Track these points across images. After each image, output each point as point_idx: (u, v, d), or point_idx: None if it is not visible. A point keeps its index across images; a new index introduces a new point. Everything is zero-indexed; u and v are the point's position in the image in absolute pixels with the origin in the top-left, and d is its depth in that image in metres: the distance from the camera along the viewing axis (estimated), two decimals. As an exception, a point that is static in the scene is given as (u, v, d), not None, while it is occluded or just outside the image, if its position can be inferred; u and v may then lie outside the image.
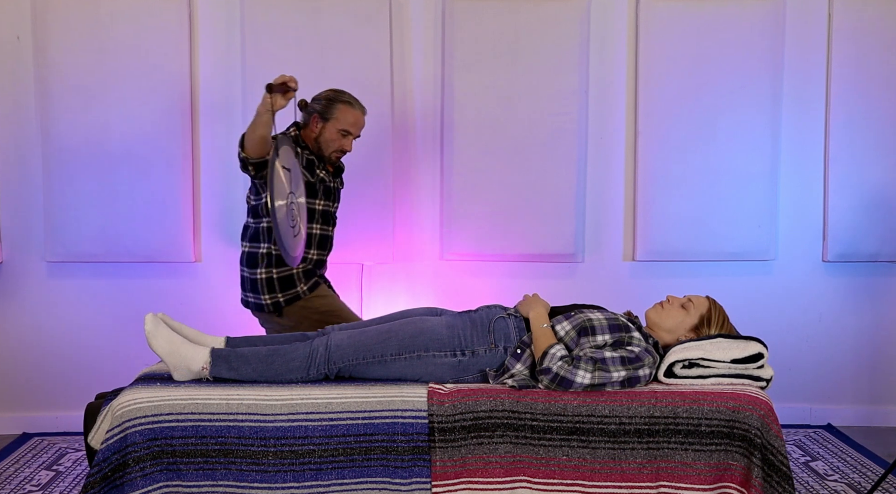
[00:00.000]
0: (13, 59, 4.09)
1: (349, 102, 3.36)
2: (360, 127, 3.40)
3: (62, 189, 4.07)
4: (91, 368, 4.16)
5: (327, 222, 3.43)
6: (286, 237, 2.94)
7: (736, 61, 4.17)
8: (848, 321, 4.36)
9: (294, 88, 3.01)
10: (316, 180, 3.34)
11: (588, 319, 2.67)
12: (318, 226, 3.39)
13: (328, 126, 3.34)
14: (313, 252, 3.39)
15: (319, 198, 3.36)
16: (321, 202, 3.37)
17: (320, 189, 3.36)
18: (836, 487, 3.48)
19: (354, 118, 3.36)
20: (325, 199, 3.39)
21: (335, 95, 3.39)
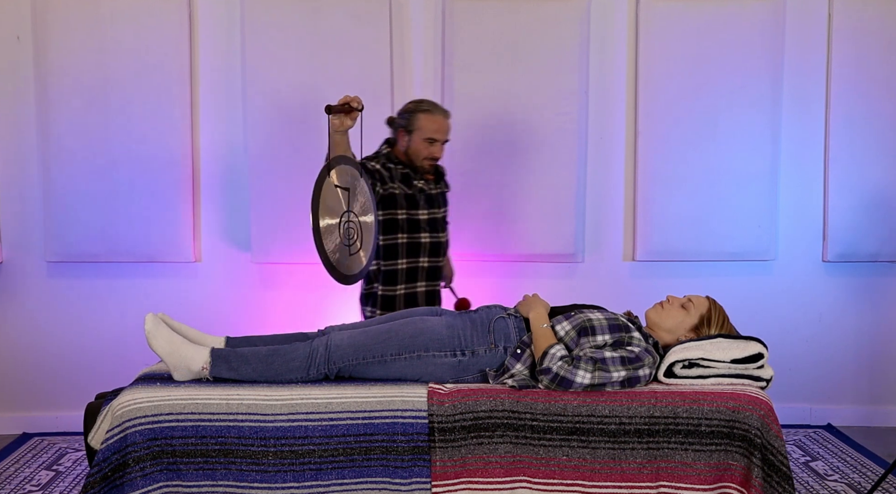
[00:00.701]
0: (13, 60, 4.09)
1: (428, 110, 3.37)
2: (444, 132, 3.39)
3: (62, 189, 4.07)
4: (91, 368, 4.16)
5: (436, 229, 3.45)
6: (338, 255, 2.97)
7: (736, 61, 4.17)
8: (848, 321, 4.36)
9: (356, 107, 3.03)
10: (415, 192, 3.37)
11: (588, 319, 2.67)
12: (427, 235, 3.42)
13: (413, 137, 3.36)
14: (425, 260, 3.44)
15: (422, 208, 3.40)
16: (425, 212, 3.40)
17: (421, 199, 3.39)
18: (836, 487, 3.48)
19: (436, 125, 3.36)
20: (429, 207, 3.42)
21: (415, 105, 3.41)
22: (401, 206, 3.38)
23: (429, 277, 3.48)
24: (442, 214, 3.51)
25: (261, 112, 4.09)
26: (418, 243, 3.42)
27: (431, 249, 3.45)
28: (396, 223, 3.40)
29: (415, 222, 3.40)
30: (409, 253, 3.43)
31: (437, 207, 3.48)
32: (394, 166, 3.38)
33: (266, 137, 4.11)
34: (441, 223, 3.50)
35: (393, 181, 3.36)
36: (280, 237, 4.14)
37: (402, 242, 3.41)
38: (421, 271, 3.46)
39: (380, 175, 3.31)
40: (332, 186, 2.94)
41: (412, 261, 3.44)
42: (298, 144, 4.12)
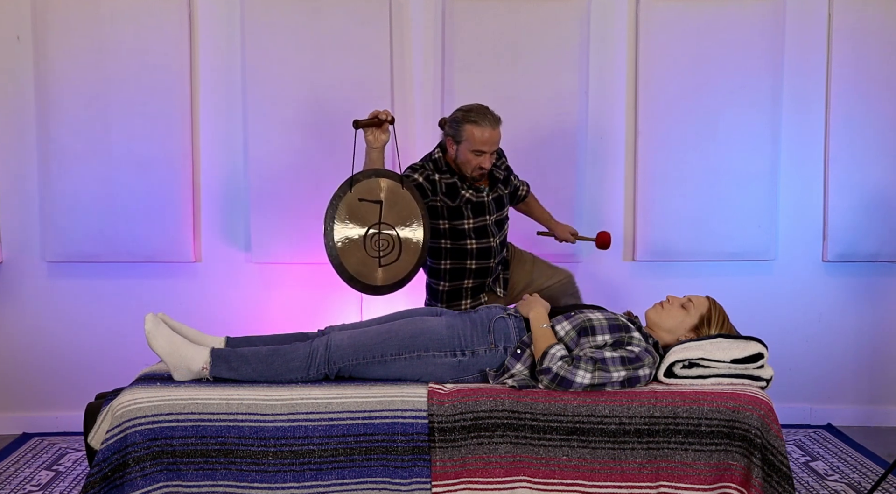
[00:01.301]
0: (13, 60, 4.09)
1: (476, 122, 3.26)
2: (492, 143, 3.28)
3: (62, 189, 4.07)
4: (91, 368, 4.16)
5: (485, 235, 3.41)
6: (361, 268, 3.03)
7: (736, 61, 4.17)
8: (848, 321, 4.36)
9: (385, 119, 3.03)
10: (460, 203, 3.35)
11: (588, 319, 2.67)
12: (472, 241, 3.40)
13: (461, 148, 3.30)
14: (472, 263, 3.42)
15: (467, 217, 3.38)
16: (470, 221, 3.38)
17: (467, 209, 3.37)
18: (836, 487, 3.48)
19: (483, 136, 3.25)
20: (477, 216, 3.39)
21: (463, 115, 3.32)
22: (443, 217, 3.37)
23: (477, 275, 3.46)
24: (494, 218, 3.44)
25: (261, 112, 4.09)
26: (464, 249, 3.41)
27: (479, 253, 3.42)
28: (439, 231, 3.40)
29: (459, 231, 3.39)
30: (453, 256, 3.43)
31: (488, 213, 3.42)
32: (439, 178, 3.34)
33: (266, 137, 4.11)
34: (492, 228, 3.43)
35: (436, 194, 3.34)
36: (280, 237, 4.14)
37: (446, 246, 3.42)
38: (468, 271, 3.45)
39: (421, 189, 3.29)
40: (354, 200, 2.99)
41: (457, 263, 3.43)
42: (298, 144, 4.12)
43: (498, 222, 3.47)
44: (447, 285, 3.47)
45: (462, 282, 3.46)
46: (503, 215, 3.51)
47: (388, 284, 3.13)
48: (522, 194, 3.74)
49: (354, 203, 3.02)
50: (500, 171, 3.52)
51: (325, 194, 4.09)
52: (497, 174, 3.50)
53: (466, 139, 3.27)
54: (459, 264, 3.43)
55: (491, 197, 3.43)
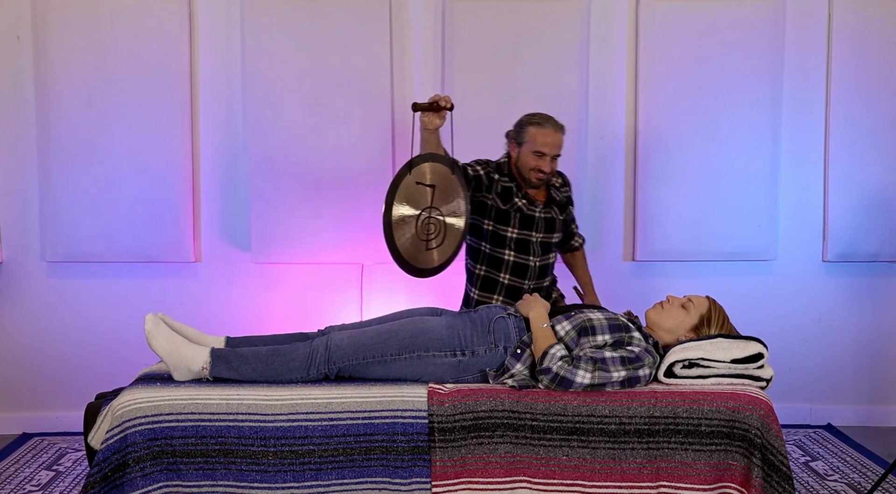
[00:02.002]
0: (13, 60, 4.09)
1: (539, 123, 3.29)
2: (554, 146, 3.29)
3: (62, 189, 4.07)
4: (91, 368, 4.16)
5: (526, 251, 3.37)
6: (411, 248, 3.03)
7: (736, 61, 4.17)
8: (848, 321, 4.36)
9: (445, 106, 3.03)
10: (510, 209, 3.33)
11: (588, 319, 2.67)
12: (511, 253, 3.37)
13: (523, 150, 3.32)
14: (505, 277, 3.39)
15: (513, 225, 3.35)
16: (514, 231, 3.35)
17: (515, 217, 3.34)
18: (836, 487, 3.48)
19: (546, 138, 3.27)
20: (522, 228, 3.35)
21: (527, 118, 3.35)
22: (489, 217, 3.35)
23: (508, 293, 3.40)
24: (540, 238, 3.39)
25: (261, 112, 4.09)
26: (500, 258, 3.38)
27: (514, 268, 3.38)
28: (482, 232, 3.38)
29: (501, 237, 3.36)
30: (489, 263, 3.40)
31: (535, 229, 3.37)
32: (499, 178, 3.34)
33: (266, 137, 4.11)
34: (535, 246, 3.38)
35: (489, 192, 3.33)
36: (280, 237, 4.14)
37: (485, 251, 3.40)
38: (500, 285, 3.40)
39: (478, 181, 3.29)
40: (412, 183, 3.00)
41: (491, 272, 3.41)
42: (298, 143, 4.12)
43: (543, 243, 3.41)
44: (477, 293, 3.44)
45: (492, 295, 3.42)
46: (550, 240, 3.44)
47: (426, 268, 3.12)
48: (575, 245, 3.68)
49: (412, 186, 3.02)
50: (559, 193, 3.48)
51: (326, 194, 4.13)
52: (555, 195, 3.45)
53: (528, 141, 3.29)
54: (493, 274, 3.40)
55: (542, 215, 3.39)
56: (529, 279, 3.40)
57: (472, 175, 3.28)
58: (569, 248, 3.69)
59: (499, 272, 3.39)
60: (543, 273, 3.45)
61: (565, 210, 3.51)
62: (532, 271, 3.40)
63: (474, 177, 3.29)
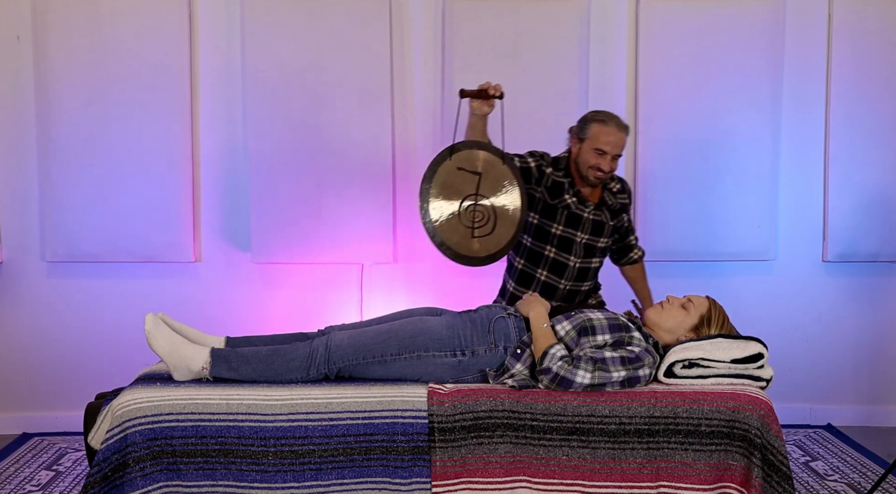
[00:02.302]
0: (13, 59, 4.09)
1: (603, 121, 3.23)
2: (616, 146, 3.22)
3: (62, 189, 4.07)
4: (91, 368, 4.16)
5: (568, 250, 3.32)
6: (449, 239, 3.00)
7: (736, 61, 4.17)
8: (848, 321, 4.36)
9: (494, 95, 3.01)
10: (557, 205, 3.29)
11: (588, 319, 2.67)
12: (552, 249, 3.32)
13: (584, 146, 3.26)
14: (543, 273, 3.35)
15: (558, 222, 3.30)
16: (559, 227, 3.30)
17: (562, 214, 3.29)
18: (836, 487, 3.48)
19: (608, 136, 3.21)
20: (569, 226, 3.30)
21: (592, 114, 3.30)
22: (536, 210, 3.31)
23: (543, 290, 3.34)
24: (586, 239, 3.32)
25: (261, 112, 4.09)
26: (541, 253, 3.33)
27: (553, 266, 3.33)
28: (525, 224, 3.30)
29: (545, 232, 3.31)
30: (528, 258, 3.36)
31: (581, 229, 3.31)
32: (552, 171, 3.30)
33: (266, 137, 4.11)
34: (578, 247, 3.32)
35: (539, 185, 3.29)
36: (280, 237, 4.14)
37: (527, 244, 3.36)
38: (536, 281, 3.36)
39: (527, 173, 3.24)
40: (453, 169, 2.96)
41: (529, 267, 3.36)
42: (298, 143, 4.12)
43: (588, 245, 3.35)
44: (513, 285, 3.41)
45: (527, 290, 3.37)
46: (596, 243, 3.37)
47: (480, 256, 3.07)
48: (634, 257, 3.59)
49: (453, 171, 2.98)
50: (615, 199, 3.40)
51: (326, 194, 4.13)
52: (608, 199, 3.38)
53: (590, 137, 3.24)
54: (531, 269, 3.36)
55: (591, 216, 3.32)
56: (567, 279, 3.35)
57: (519, 166, 3.22)
58: (627, 260, 3.60)
59: (537, 268, 3.35)
60: (583, 276, 3.39)
61: (617, 216, 3.43)
62: (570, 272, 3.34)
63: (522, 168, 3.23)
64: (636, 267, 3.63)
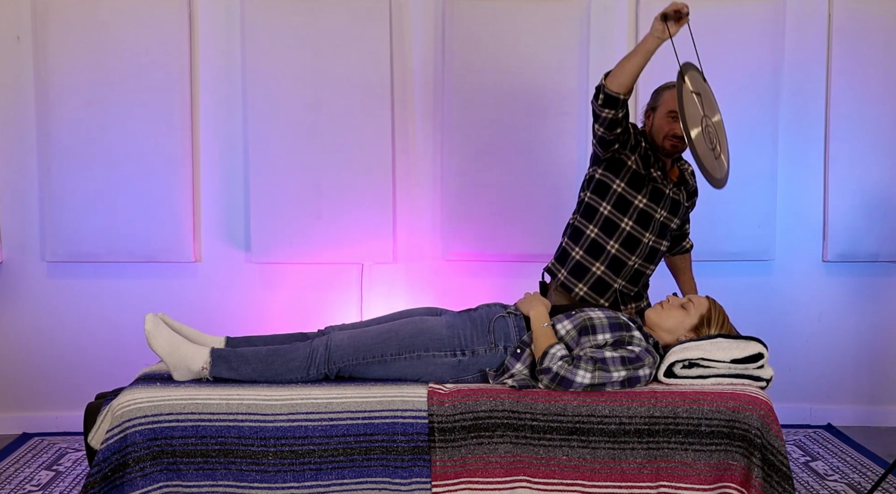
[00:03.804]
0: (13, 60, 4.09)
1: (670, 87, 3.17)
2: None
3: (62, 189, 4.07)
4: (91, 368, 4.16)
5: (643, 225, 3.18)
6: (706, 159, 2.89)
7: (736, 61, 4.17)
8: (848, 321, 4.36)
9: (686, 12, 2.95)
10: (647, 175, 3.16)
11: (589, 318, 2.67)
12: (630, 222, 3.17)
13: (657, 114, 3.20)
14: (615, 246, 3.18)
15: (644, 194, 3.16)
16: (643, 200, 3.16)
17: (648, 187, 3.16)
18: (836, 487, 3.48)
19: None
20: (649, 199, 3.17)
21: (663, 86, 3.25)
22: (621, 177, 3.15)
23: (610, 265, 3.18)
24: (664, 216, 3.21)
25: (261, 112, 4.09)
26: (616, 224, 3.16)
27: (626, 240, 3.17)
28: (608, 190, 3.17)
29: (627, 203, 3.15)
30: (603, 227, 3.19)
31: (663, 207, 3.21)
32: (644, 143, 3.19)
33: (266, 137, 4.11)
34: (656, 224, 3.19)
35: (633, 152, 3.15)
36: (280, 237, 4.14)
37: (604, 211, 3.18)
38: (605, 254, 3.18)
39: (626, 137, 3.10)
40: (689, 93, 2.90)
41: (602, 237, 3.19)
42: (298, 143, 4.12)
43: (663, 225, 3.23)
44: (580, 254, 3.22)
45: (594, 263, 3.19)
46: (670, 223, 3.26)
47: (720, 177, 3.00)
48: (687, 246, 3.53)
49: (689, 96, 2.90)
50: (692, 180, 3.36)
51: (326, 194, 4.13)
52: (689, 179, 3.34)
53: (662, 103, 3.19)
54: (604, 240, 3.18)
55: (672, 193, 3.23)
56: (638, 257, 3.19)
57: (629, 129, 3.12)
58: (680, 249, 3.52)
59: (609, 239, 3.18)
60: (652, 257, 3.25)
61: (691, 199, 3.38)
62: (643, 249, 3.19)
63: (624, 130, 3.07)
64: (686, 257, 3.57)
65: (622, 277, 3.21)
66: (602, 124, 3.02)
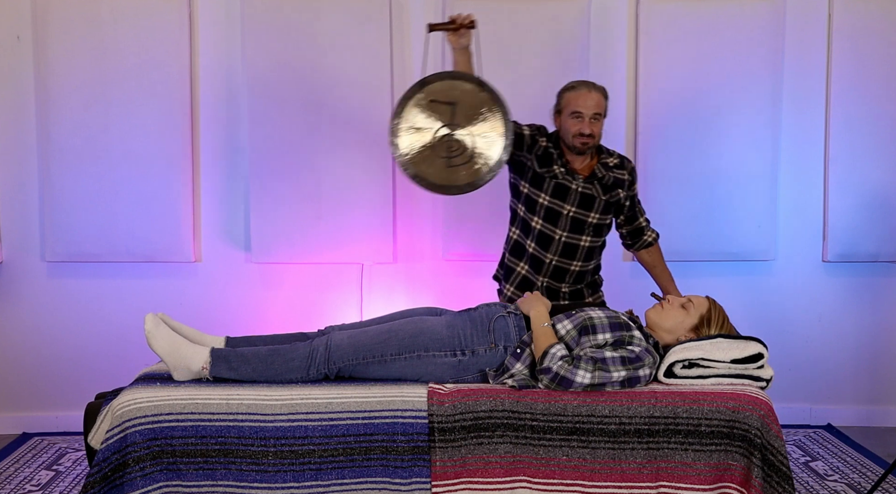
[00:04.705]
0: (13, 60, 4.09)
1: (573, 87, 3.26)
2: (591, 106, 3.20)
3: (62, 189, 4.07)
4: (91, 368, 4.16)
5: (552, 221, 3.28)
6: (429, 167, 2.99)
7: (736, 61, 4.17)
8: (848, 321, 4.36)
9: (464, 23, 3.04)
10: (545, 173, 3.27)
11: (589, 317, 2.67)
12: (539, 220, 3.30)
13: (563, 117, 3.28)
14: (531, 244, 3.32)
15: (545, 191, 3.27)
16: (546, 197, 3.27)
17: (549, 184, 3.26)
18: (836, 487, 3.48)
19: (580, 99, 3.21)
20: (555, 197, 3.27)
21: (564, 87, 3.31)
22: (525, 178, 3.30)
23: (532, 264, 3.32)
24: (573, 212, 3.27)
25: (261, 112, 4.09)
26: (529, 224, 3.32)
27: (539, 238, 3.30)
28: (519, 193, 3.34)
29: (533, 202, 3.30)
30: (521, 228, 3.36)
31: (569, 202, 3.27)
32: (545, 143, 3.29)
33: (266, 137, 4.11)
34: (566, 220, 3.27)
35: (529, 152, 3.28)
36: (280, 237, 4.14)
37: (520, 214, 3.35)
38: (526, 254, 3.34)
39: (520, 140, 3.24)
40: (426, 102, 2.96)
41: (521, 237, 3.35)
42: (298, 143, 4.12)
43: (575, 219, 3.29)
44: (507, 257, 3.42)
45: (518, 262, 3.37)
46: (586, 218, 3.30)
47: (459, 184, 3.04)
48: (649, 240, 3.51)
49: (425, 104, 2.98)
50: (606, 172, 3.32)
51: (326, 194, 4.13)
52: (600, 173, 3.31)
53: (565, 105, 3.27)
54: (522, 240, 3.35)
55: (581, 188, 3.27)
56: (553, 253, 3.30)
57: (518, 131, 3.23)
58: (641, 244, 3.51)
59: (526, 238, 3.34)
60: (570, 253, 3.31)
61: (611, 191, 3.35)
62: (556, 245, 3.29)
63: (516, 133, 3.20)
64: (652, 251, 3.54)
65: (543, 274, 3.33)
66: None
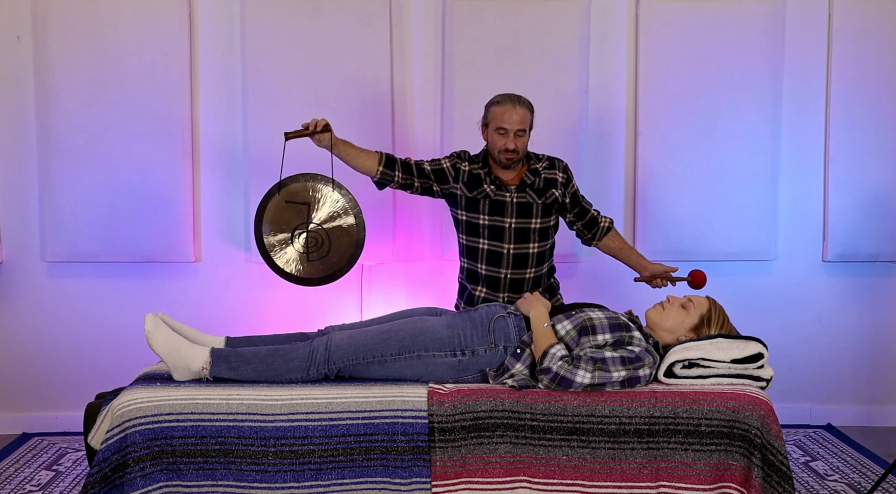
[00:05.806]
0: (13, 59, 4.09)
1: (499, 102, 3.27)
2: (515, 121, 3.23)
3: (62, 189, 4.07)
4: (91, 368, 4.16)
5: (497, 238, 3.31)
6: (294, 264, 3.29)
7: (736, 61, 4.17)
8: (848, 321, 4.36)
9: (316, 130, 3.21)
10: (478, 196, 3.31)
11: (589, 318, 2.67)
12: (484, 241, 3.34)
13: (489, 131, 3.30)
14: (482, 267, 3.36)
15: (482, 212, 3.31)
16: (485, 217, 3.31)
17: (484, 203, 3.30)
18: (836, 487, 3.48)
19: (503, 115, 3.23)
20: (493, 214, 3.30)
21: (491, 101, 3.33)
22: (461, 206, 3.35)
23: (488, 284, 3.36)
24: (515, 223, 3.30)
25: (261, 112, 4.09)
26: (475, 248, 3.36)
27: (489, 257, 3.33)
28: (458, 222, 3.40)
29: (474, 226, 3.33)
30: (468, 254, 3.40)
31: (508, 215, 3.30)
32: (467, 167, 3.33)
33: (266, 137, 4.10)
34: (510, 233, 3.30)
35: (456, 182, 3.33)
36: (280, 237, 4.14)
37: (463, 242, 3.41)
38: (480, 276, 3.37)
39: (441, 174, 3.32)
40: (282, 203, 3.26)
41: (471, 263, 3.39)
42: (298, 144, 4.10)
43: (519, 230, 3.32)
44: (464, 281, 3.46)
45: (476, 286, 3.40)
46: (528, 226, 3.33)
47: (319, 276, 3.32)
48: (605, 226, 3.49)
49: (282, 205, 3.26)
50: (535, 178, 3.32)
51: (325, 194, 4.12)
52: (528, 179, 3.32)
53: (491, 120, 3.29)
54: (473, 265, 3.39)
55: (515, 199, 3.30)
56: (506, 268, 3.34)
57: (430, 170, 3.32)
58: (599, 232, 3.50)
59: (476, 263, 3.38)
60: (522, 263, 3.34)
61: (544, 193, 3.35)
62: (506, 260, 3.33)
63: (435, 170, 3.32)
64: (612, 235, 3.53)
65: (501, 290, 3.37)
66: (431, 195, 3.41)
